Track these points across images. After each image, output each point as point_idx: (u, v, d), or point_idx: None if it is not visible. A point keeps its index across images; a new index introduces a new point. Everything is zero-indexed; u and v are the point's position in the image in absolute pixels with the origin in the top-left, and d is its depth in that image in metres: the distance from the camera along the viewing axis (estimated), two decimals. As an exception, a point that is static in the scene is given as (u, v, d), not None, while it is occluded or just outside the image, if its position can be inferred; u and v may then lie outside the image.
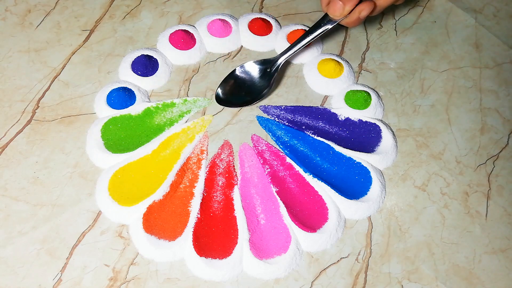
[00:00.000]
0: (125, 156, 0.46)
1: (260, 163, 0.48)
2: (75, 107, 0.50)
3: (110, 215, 0.43)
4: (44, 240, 0.42)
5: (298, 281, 0.41)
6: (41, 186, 0.45)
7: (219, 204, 0.45)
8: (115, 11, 0.59)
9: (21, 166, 0.46)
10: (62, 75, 0.53)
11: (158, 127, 0.49)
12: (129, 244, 0.42)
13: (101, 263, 0.41)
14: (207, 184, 0.46)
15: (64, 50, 0.55)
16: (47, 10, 0.58)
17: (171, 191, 0.45)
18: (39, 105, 0.50)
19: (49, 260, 0.41)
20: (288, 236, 0.43)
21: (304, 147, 0.49)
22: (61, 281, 0.40)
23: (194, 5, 0.60)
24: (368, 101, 0.51)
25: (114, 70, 0.53)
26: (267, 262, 0.41)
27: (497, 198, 0.47)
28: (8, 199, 0.44)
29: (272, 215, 0.44)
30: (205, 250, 0.41)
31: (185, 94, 0.52)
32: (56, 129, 0.49)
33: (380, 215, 0.45)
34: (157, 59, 0.53)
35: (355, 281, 0.42)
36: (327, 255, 0.43)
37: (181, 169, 0.46)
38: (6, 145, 0.47)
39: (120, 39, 0.56)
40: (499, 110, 0.53)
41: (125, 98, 0.50)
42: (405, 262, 0.43)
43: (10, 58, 0.54)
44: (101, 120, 0.49)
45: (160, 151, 0.47)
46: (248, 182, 0.46)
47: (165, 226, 0.43)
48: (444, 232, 0.45)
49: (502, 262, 0.43)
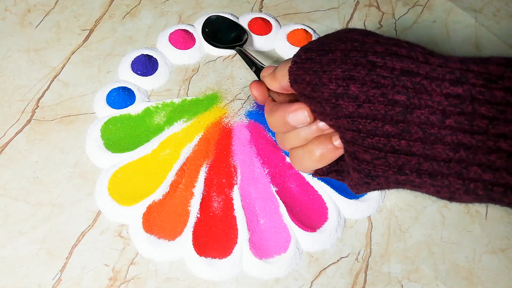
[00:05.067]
0: (124, 155, 0.46)
1: (260, 163, 0.48)
2: (74, 106, 0.50)
3: (109, 215, 0.43)
4: (43, 240, 0.42)
5: (298, 280, 0.41)
6: (40, 185, 0.45)
7: (219, 204, 0.45)
8: (114, 11, 0.59)
9: (21, 166, 0.46)
10: (61, 75, 0.53)
11: (158, 127, 0.49)
12: (129, 244, 0.42)
13: (100, 263, 0.41)
14: (207, 184, 0.46)
15: (64, 49, 0.55)
16: (46, 10, 0.58)
17: (171, 190, 0.45)
18: (38, 105, 0.50)
19: (49, 259, 0.41)
20: (288, 236, 0.43)
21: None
22: (61, 280, 0.40)
23: (194, 5, 0.60)
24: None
25: (114, 70, 0.53)
26: (267, 262, 0.41)
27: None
28: (8, 199, 0.44)
29: (272, 214, 0.44)
30: (204, 249, 0.41)
31: (185, 94, 0.52)
32: (55, 128, 0.49)
33: (380, 215, 0.45)
34: (157, 59, 0.53)
35: (355, 280, 0.42)
36: (327, 255, 0.43)
37: (180, 169, 0.46)
38: (5, 144, 0.47)
39: (120, 39, 0.56)
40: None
41: (125, 97, 0.50)
42: (405, 261, 0.43)
43: (10, 58, 0.54)
44: (100, 119, 0.49)
45: (160, 151, 0.47)
46: (248, 182, 0.46)
47: (165, 226, 0.43)
48: (444, 232, 0.45)
49: (502, 261, 0.43)
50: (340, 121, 0.25)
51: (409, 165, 0.23)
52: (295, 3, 0.61)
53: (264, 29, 0.57)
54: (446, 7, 0.63)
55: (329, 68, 0.25)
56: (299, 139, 0.29)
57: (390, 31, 0.60)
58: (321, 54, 0.26)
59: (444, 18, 0.61)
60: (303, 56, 0.27)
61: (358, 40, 0.25)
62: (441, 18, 0.61)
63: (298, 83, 0.27)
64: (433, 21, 0.61)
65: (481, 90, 0.21)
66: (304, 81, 0.26)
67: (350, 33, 0.26)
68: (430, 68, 0.22)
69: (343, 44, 0.25)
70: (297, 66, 0.27)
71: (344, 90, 0.24)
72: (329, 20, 0.60)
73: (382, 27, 0.60)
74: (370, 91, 0.23)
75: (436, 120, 0.22)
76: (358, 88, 0.23)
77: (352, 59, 0.24)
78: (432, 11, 0.62)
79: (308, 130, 0.28)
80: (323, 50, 0.26)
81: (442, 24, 0.61)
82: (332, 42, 0.26)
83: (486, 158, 0.21)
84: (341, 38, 0.26)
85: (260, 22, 0.57)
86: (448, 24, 0.61)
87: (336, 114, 0.24)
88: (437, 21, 0.61)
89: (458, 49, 0.58)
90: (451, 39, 0.59)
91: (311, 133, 0.28)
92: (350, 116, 0.24)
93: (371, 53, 0.24)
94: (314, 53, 0.26)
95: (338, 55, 0.25)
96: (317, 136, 0.28)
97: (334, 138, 0.27)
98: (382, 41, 0.24)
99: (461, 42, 0.59)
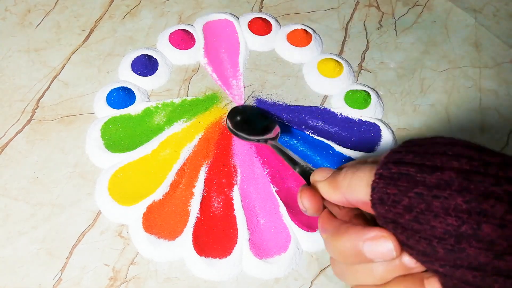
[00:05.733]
0: (124, 155, 0.46)
1: (260, 163, 0.48)
2: (74, 106, 0.50)
3: (109, 215, 0.43)
4: (43, 239, 0.42)
5: (297, 280, 0.41)
6: (40, 185, 0.45)
7: (219, 204, 0.45)
8: (115, 11, 0.59)
9: (21, 166, 0.46)
10: (61, 75, 0.53)
11: (158, 127, 0.49)
12: (129, 243, 0.42)
13: (100, 262, 0.41)
14: (207, 184, 0.46)
15: (64, 49, 0.55)
16: (46, 10, 0.58)
17: (171, 190, 0.45)
18: (38, 105, 0.50)
19: (49, 259, 0.41)
20: (288, 236, 0.43)
21: (304, 146, 0.49)
22: (61, 280, 0.40)
23: (194, 5, 0.60)
24: (368, 100, 0.51)
25: (114, 70, 0.53)
26: (267, 262, 0.41)
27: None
28: (8, 199, 0.44)
29: (272, 214, 0.44)
30: (205, 249, 0.41)
31: (185, 94, 0.52)
32: (56, 128, 0.49)
33: (380, 215, 0.45)
34: (157, 59, 0.53)
35: (355, 280, 0.42)
36: (327, 255, 0.43)
37: (181, 169, 0.46)
38: (5, 144, 0.47)
39: (120, 39, 0.56)
40: (498, 109, 0.53)
41: (125, 97, 0.50)
42: (405, 261, 0.43)
43: (10, 58, 0.54)
44: (101, 119, 0.49)
45: (160, 151, 0.47)
46: (248, 182, 0.46)
47: (165, 226, 0.43)
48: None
49: (502, 261, 0.43)
50: (460, 272, 0.18)
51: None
52: (295, 3, 0.61)
53: (264, 29, 0.57)
54: (446, 7, 0.63)
55: (443, 194, 0.18)
56: (374, 277, 0.21)
57: (390, 31, 0.60)
58: (424, 171, 0.19)
59: (444, 18, 0.61)
60: (394, 169, 0.20)
61: (475, 158, 0.19)
62: (441, 18, 0.62)
63: (388, 205, 0.20)
64: (433, 21, 0.61)
65: None
66: (400, 205, 0.20)
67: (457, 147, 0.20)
68: None
69: (455, 161, 0.19)
70: (385, 182, 0.20)
71: (472, 231, 0.17)
72: (329, 20, 0.60)
73: (382, 27, 0.60)
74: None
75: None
76: (494, 229, 0.17)
77: (477, 186, 0.18)
78: (432, 11, 0.62)
79: (389, 267, 0.21)
80: (425, 166, 0.19)
81: (442, 24, 0.61)
82: (436, 156, 0.20)
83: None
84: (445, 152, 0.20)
85: (260, 22, 0.57)
86: (448, 24, 0.61)
87: (455, 261, 0.18)
88: (437, 21, 0.61)
89: (457, 49, 0.58)
90: (451, 39, 0.59)
91: (393, 271, 0.21)
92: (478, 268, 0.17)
93: (505, 180, 0.18)
94: (411, 168, 0.20)
95: (454, 176, 0.19)
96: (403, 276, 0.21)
97: (428, 283, 0.20)
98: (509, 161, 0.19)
99: (461, 42, 0.59)
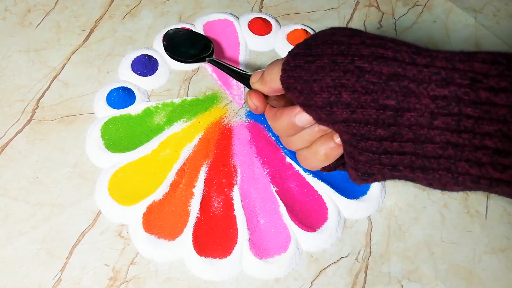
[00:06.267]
0: (124, 155, 0.46)
1: (260, 163, 0.48)
2: (74, 106, 0.50)
3: (109, 215, 0.43)
4: (43, 239, 0.42)
5: (297, 280, 0.41)
6: (40, 185, 0.45)
7: (219, 204, 0.45)
8: (115, 11, 0.59)
9: (21, 166, 0.46)
10: (61, 75, 0.53)
11: (158, 127, 0.49)
12: (129, 243, 0.42)
13: (100, 262, 0.41)
14: (207, 184, 0.46)
15: (64, 49, 0.55)
16: (46, 10, 0.58)
17: (171, 190, 0.45)
18: (38, 105, 0.50)
19: (49, 259, 0.41)
20: (288, 236, 0.43)
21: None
22: (61, 280, 0.40)
23: (194, 5, 0.60)
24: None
25: (114, 70, 0.53)
26: (267, 262, 0.41)
27: (496, 197, 0.47)
28: (8, 199, 0.44)
29: (272, 214, 0.44)
30: (205, 249, 0.41)
31: (185, 94, 0.52)
32: (55, 128, 0.49)
33: (380, 215, 0.45)
34: (157, 59, 0.53)
35: (355, 280, 0.42)
36: (326, 255, 0.43)
37: (181, 169, 0.46)
38: (6, 144, 0.47)
39: (120, 39, 0.56)
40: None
41: (125, 97, 0.50)
42: (405, 261, 0.43)
43: (10, 58, 0.54)
44: (100, 119, 0.49)
45: (160, 151, 0.47)
46: (248, 182, 0.46)
47: (165, 226, 0.43)
48: (444, 232, 0.45)
49: (502, 262, 0.43)
50: (337, 126, 0.26)
51: (402, 163, 0.24)
52: (295, 3, 0.61)
53: (264, 29, 0.57)
54: (446, 7, 0.63)
55: (318, 77, 0.25)
56: (304, 140, 0.30)
57: (390, 31, 0.60)
58: (309, 60, 0.26)
59: (444, 18, 0.61)
60: (292, 63, 0.27)
61: (344, 43, 0.25)
62: (441, 18, 0.61)
63: (291, 91, 0.27)
64: (433, 21, 0.61)
65: (466, 90, 0.22)
66: (296, 90, 0.27)
67: (336, 35, 0.26)
68: (416, 70, 0.23)
69: (329, 48, 0.26)
70: (287, 74, 0.27)
71: (336, 98, 0.25)
72: (329, 20, 0.60)
73: (382, 27, 0.60)
74: (361, 97, 0.24)
75: (425, 122, 0.23)
76: (350, 95, 0.24)
77: (340, 66, 0.25)
78: (432, 11, 0.62)
79: (311, 131, 0.29)
80: (310, 56, 0.26)
81: (442, 24, 0.61)
82: (319, 45, 0.26)
83: (472, 155, 0.22)
84: (326, 41, 0.26)
85: (260, 22, 0.57)
86: (448, 24, 0.61)
87: (332, 120, 0.26)
88: (437, 21, 0.61)
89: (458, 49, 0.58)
90: (451, 39, 0.59)
91: (314, 134, 0.29)
92: (345, 121, 0.25)
93: (358, 57, 0.24)
94: (302, 60, 0.27)
95: (326, 62, 0.25)
96: (320, 136, 0.29)
97: (335, 137, 0.28)
98: (368, 42, 0.25)
99: (461, 42, 0.59)
